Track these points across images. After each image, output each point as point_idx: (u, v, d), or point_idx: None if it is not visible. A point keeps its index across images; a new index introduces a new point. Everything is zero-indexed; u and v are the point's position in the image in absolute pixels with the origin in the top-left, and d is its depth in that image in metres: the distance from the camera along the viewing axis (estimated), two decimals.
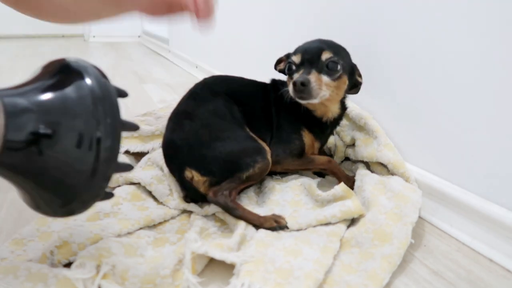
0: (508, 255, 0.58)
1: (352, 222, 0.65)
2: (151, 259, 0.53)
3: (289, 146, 0.76)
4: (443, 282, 0.55)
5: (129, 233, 0.61)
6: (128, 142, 0.86)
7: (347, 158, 0.91)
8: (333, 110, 0.78)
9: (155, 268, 0.51)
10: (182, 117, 0.71)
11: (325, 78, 0.69)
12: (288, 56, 0.78)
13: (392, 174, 0.75)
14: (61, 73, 0.42)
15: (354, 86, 0.78)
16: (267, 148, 0.70)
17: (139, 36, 4.00)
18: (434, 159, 0.72)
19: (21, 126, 0.37)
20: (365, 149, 0.80)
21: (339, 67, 0.70)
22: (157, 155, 0.79)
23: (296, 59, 0.71)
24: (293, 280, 0.49)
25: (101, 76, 0.43)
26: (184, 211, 0.69)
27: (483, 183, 0.63)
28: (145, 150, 0.86)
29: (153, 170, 0.76)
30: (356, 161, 0.86)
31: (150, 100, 1.54)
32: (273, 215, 0.64)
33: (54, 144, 0.38)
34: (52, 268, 0.49)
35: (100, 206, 0.66)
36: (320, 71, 0.69)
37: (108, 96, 0.41)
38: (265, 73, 0.85)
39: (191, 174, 0.66)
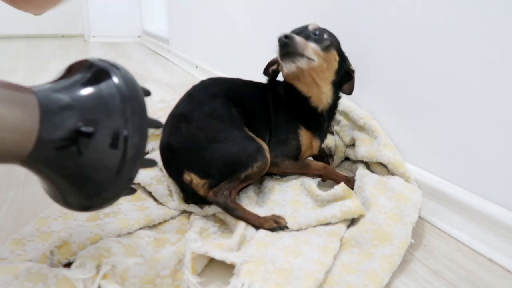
0: (508, 255, 0.58)
1: (352, 222, 0.65)
2: (151, 259, 0.53)
3: (286, 147, 0.76)
4: (443, 282, 0.55)
5: (129, 233, 0.61)
6: None
7: (347, 158, 0.91)
8: (327, 93, 0.77)
9: (155, 268, 0.51)
10: (178, 120, 0.71)
11: (312, 44, 0.70)
12: None
13: (392, 174, 0.75)
14: (90, 72, 0.42)
15: (347, 78, 0.79)
16: (265, 146, 0.70)
17: (139, 36, 4.00)
18: (434, 159, 0.72)
19: (60, 123, 0.37)
20: (365, 149, 0.80)
21: (325, 35, 0.72)
22: (157, 156, 0.78)
23: (283, 36, 0.69)
24: (293, 280, 0.49)
25: (127, 75, 0.43)
26: (184, 212, 0.69)
27: (483, 183, 0.63)
28: (145, 151, 0.86)
29: (153, 171, 0.76)
30: (356, 161, 0.86)
31: (150, 100, 1.54)
32: (273, 215, 0.63)
33: (91, 143, 0.38)
34: (52, 268, 0.49)
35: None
36: (306, 38, 0.71)
37: (135, 95, 0.42)
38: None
39: (190, 177, 0.65)
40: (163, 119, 0.81)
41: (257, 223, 0.62)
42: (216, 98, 0.74)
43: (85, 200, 0.42)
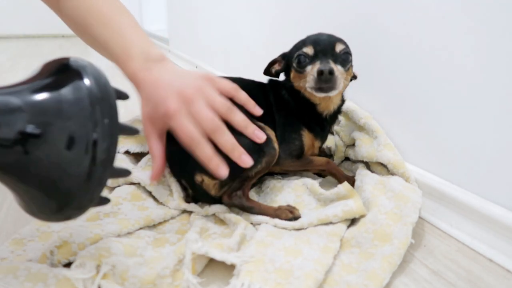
0: (508, 255, 0.58)
1: (352, 222, 0.65)
2: (151, 260, 0.53)
3: (289, 147, 0.76)
4: (443, 282, 0.55)
5: (129, 233, 0.61)
6: (129, 143, 0.86)
7: (347, 158, 0.91)
8: (335, 102, 0.78)
9: (155, 269, 0.51)
10: None
11: (340, 68, 0.69)
12: (284, 56, 0.78)
13: (392, 174, 0.75)
14: (60, 72, 0.42)
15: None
16: (273, 136, 0.70)
17: None
18: (434, 159, 0.72)
19: (10, 124, 0.37)
20: (365, 149, 0.80)
21: (350, 58, 0.71)
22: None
23: (308, 50, 0.69)
24: (293, 280, 0.49)
25: (100, 77, 0.42)
26: (184, 211, 0.69)
27: (483, 183, 0.63)
28: (145, 151, 0.86)
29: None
30: (356, 161, 0.87)
31: None
32: (288, 205, 0.66)
33: (42, 144, 0.38)
34: (52, 268, 0.49)
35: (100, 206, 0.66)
36: (334, 61, 0.69)
37: (106, 98, 0.41)
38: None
39: (201, 178, 0.65)
40: None
41: (274, 215, 0.64)
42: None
43: (58, 209, 0.41)
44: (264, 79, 0.85)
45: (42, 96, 0.39)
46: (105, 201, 0.46)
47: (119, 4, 0.73)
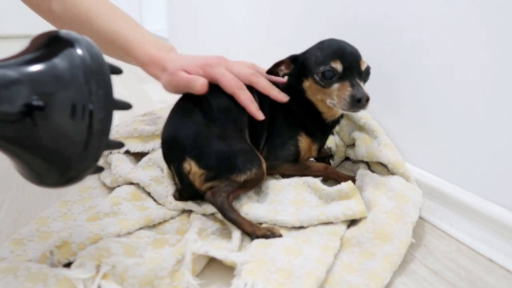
0: (508, 255, 0.58)
1: (353, 221, 0.65)
2: (150, 261, 0.53)
3: (285, 152, 0.75)
4: (443, 282, 0.55)
5: (129, 233, 0.61)
6: (129, 142, 0.86)
7: (347, 158, 0.91)
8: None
9: (154, 270, 0.51)
10: (184, 112, 0.72)
11: (364, 86, 0.69)
12: (294, 59, 0.75)
13: (393, 174, 0.75)
14: (52, 43, 0.41)
15: None
16: (262, 159, 0.70)
17: None
18: (434, 159, 0.72)
19: (13, 97, 0.37)
20: (365, 149, 0.80)
21: (369, 72, 0.72)
22: (158, 156, 0.78)
23: (338, 67, 0.67)
24: (295, 280, 0.49)
25: (93, 48, 0.41)
26: (184, 211, 0.69)
27: (483, 183, 0.63)
28: (145, 150, 0.86)
29: (153, 171, 0.76)
30: (357, 162, 0.87)
31: (150, 100, 1.54)
32: (268, 226, 0.62)
33: (48, 115, 0.38)
34: (52, 268, 0.49)
35: (100, 206, 0.66)
36: (360, 80, 0.69)
37: (100, 69, 0.41)
38: None
39: (190, 165, 0.66)
40: (163, 118, 0.81)
41: (249, 229, 0.60)
42: (219, 94, 0.73)
43: (58, 174, 0.42)
44: None
45: (37, 67, 0.39)
46: (100, 169, 0.46)
47: (116, 6, 0.79)
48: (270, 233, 0.59)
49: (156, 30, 3.35)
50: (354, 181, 0.75)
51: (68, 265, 0.51)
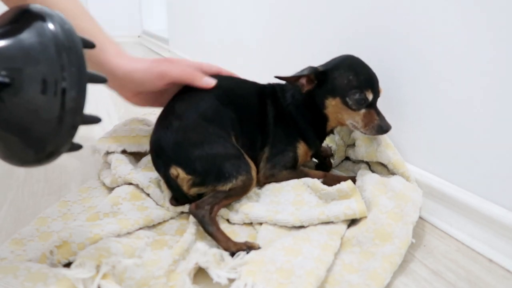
0: (508, 255, 0.58)
1: (353, 221, 0.65)
2: (149, 262, 0.53)
3: (283, 159, 0.76)
4: (443, 282, 0.55)
5: (128, 233, 0.61)
6: (125, 142, 0.85)
7: (347, 158, 0.91)
8: None
9: (151, 272, 0.51)
10: (172, 116, 0.70)
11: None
12: (319, 75, 0.73)
13: (393, 173, 0.75)
14: (21, 18, 0.40)
15: None
16: (252, 165, 0.69)
17: (139, 36, 4.00)
18: (434, 159, 0.72)
19: None
20: (365, 149, 0.80)
21: None
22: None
23: (369, 96, 0.72)
24: (295, 279, 0.49)
25: (65, 23, 0.40)
26: (183, 212, 0.69)
27: (483, 183, 0.63)
28: (142, 150, 0.86)
29: (152, 172, 0.76)
30: (357, 162, 0.87)
31: None
32: (247, 242, 0.59)
33: (17, 91, 0.37)
34: (52, 268, 0.49)
35: (100, 206, 0.66)
36: (375, 99, 0.74)
37: (73, 45, 0.39)
38: (266, 74, 0.85)
39: (177, 172, 0.65)
40: None
41: (224, 245, 0.58)
42: (210, 97, 0.73)
43: (34, 151, 0.40)
44: (264, 80, 0.85)
45: (3, 42, 0.38)
46: (78, 147, 0.44)
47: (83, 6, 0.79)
48: (246, 248, 0.57)
49: (156, 30, 3.35)
50: (354, 181, 0.76)
51: (68, 265, 0.51)
